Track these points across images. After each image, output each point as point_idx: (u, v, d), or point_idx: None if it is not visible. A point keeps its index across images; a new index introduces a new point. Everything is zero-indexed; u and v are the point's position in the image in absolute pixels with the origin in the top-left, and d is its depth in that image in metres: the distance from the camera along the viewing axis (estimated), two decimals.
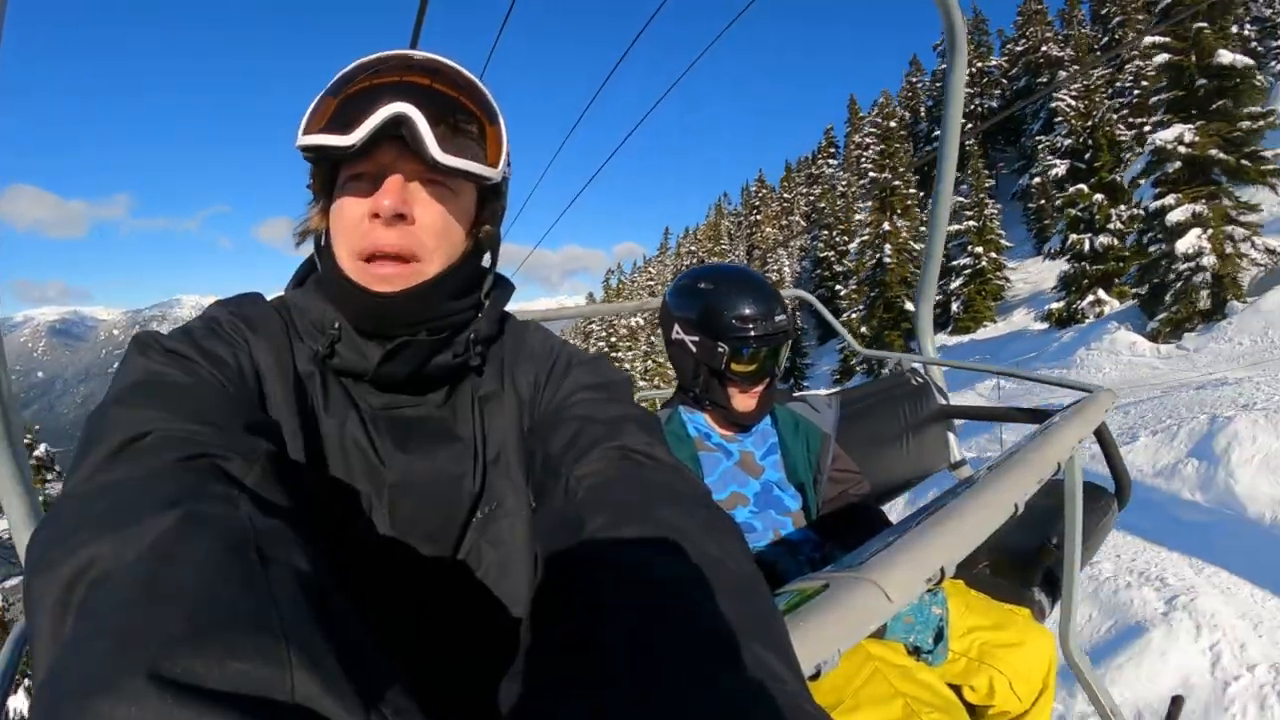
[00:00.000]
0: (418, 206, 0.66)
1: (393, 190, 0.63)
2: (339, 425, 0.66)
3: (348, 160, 0.65)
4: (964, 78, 2.06)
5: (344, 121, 0.63)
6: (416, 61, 0.66)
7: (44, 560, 0.37)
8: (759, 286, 1.43)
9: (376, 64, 0.66)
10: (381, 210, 0.63)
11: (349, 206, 0.66)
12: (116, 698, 0.26)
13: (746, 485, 1.45)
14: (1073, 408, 1.28)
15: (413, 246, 0.65)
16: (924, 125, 36.35)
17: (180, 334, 0.63)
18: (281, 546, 0.38)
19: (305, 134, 0.65)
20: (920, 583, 0.64)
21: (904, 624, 1.15)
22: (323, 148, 0.64)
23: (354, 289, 0.66)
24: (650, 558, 0.46)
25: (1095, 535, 1.71)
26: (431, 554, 0.67)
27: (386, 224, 0.64)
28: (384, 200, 0.63)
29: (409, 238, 0.65)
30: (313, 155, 0.66)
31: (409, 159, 0.64)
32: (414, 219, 0.65)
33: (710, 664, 0.37)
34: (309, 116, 0.65)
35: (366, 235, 0.65)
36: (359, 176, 0.66)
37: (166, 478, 0.43)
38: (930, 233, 2.30)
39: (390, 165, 0.64)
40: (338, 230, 0.68)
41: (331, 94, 0.65)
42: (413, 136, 0.62)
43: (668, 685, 0.35)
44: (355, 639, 0.35)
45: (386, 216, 0.64)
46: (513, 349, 0.78)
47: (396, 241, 0.65)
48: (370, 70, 0.65)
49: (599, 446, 0.62)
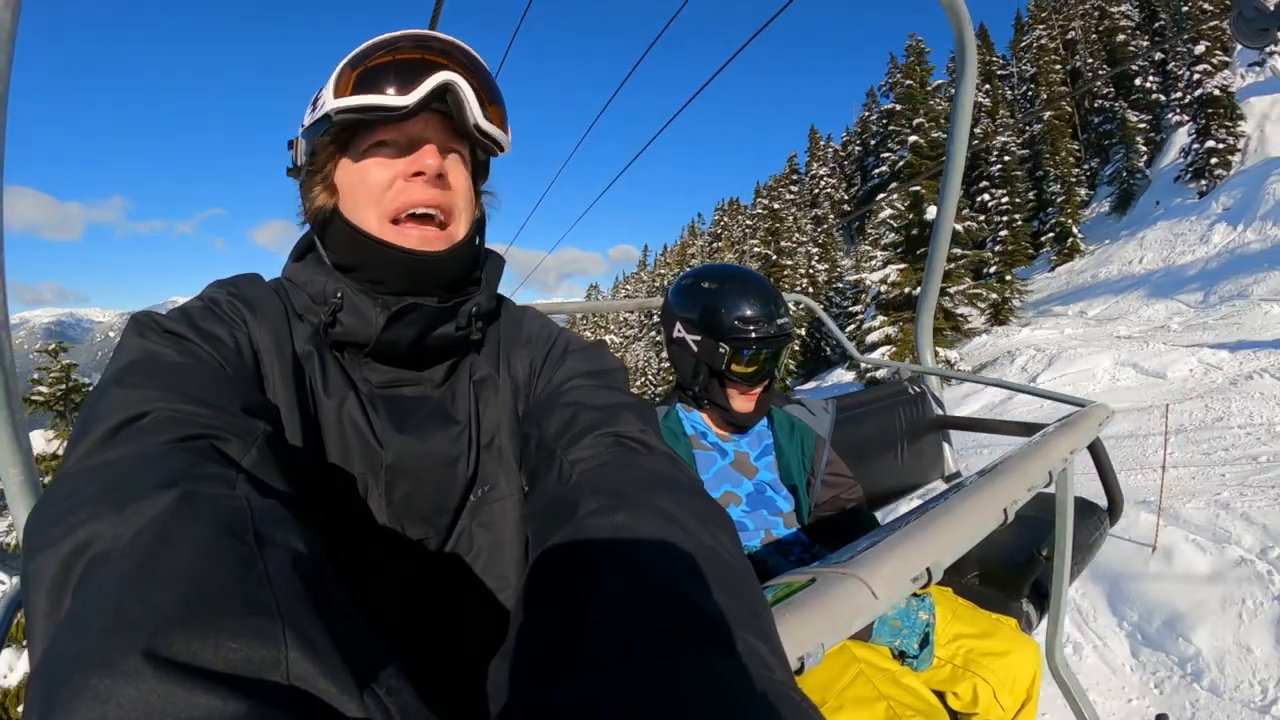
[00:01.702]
0: (450, 171, 0.69)
1: (434, 153, 0.67)
2: (337, 405, 0.67)
3: (376, 127, 0.67)
4: (972, 94, 2.07)
5: (392, 83, 0.64)
6: (443, 40, 0.69)
7: (42, 539, 0.37)
8: (762, 288, 1.43)
9: (405, 36, 0.68)
10: (426, 169, 0.66)
11: (376, 171, 0.67)
12: (113, 677, 0.26)
13: (740, 485, 1.46)
14: (1065, 421, 1.29)
15: (449, 204, 0.69)
16: (871, 160, 37.47)
17: (179, 314, 0.63)
18: (278, 527, 0.38)
19: (340, 97, 0.65)
20: (906, 582, 0.64)
21: (890, 628, 1.16)
22: (371, 107, 0.65)
23: (387, 248, 0.67)
24: (643, 544, 0.47)
25: (1086, 549, 1.71)
26: (425, 536, 0.68)
27: (428, 183, 0.67)
28: (428, 159, 0.66)
29: (446, 198, 0.68)
30: (355, 115, 0.65)
31: (439, 129, 0.68)
32: (449, 183, 0.69)
33: (700, 651, 0.37)
34: (338, 82, 0.66)
35: (402, 193, 0.67)
36: (384, 143, 0.67)
37: (164, 458, 0.43)
38: (931, 248, 2.31)
39: (420, 134, 0.67)
40: (360, 198, 0.68)
41: (361, 62, 0.66)
42: (457, 104, 0.66)
43: (657, 671, 0.35)
44: (350, 620, 0.35)
45: (430, 175, 0.66)
46: (510, 333, 0.79)
47: (438, 198, 0.67)
48: (405, 41, 0.67)
49: (593, 432, 0.62)
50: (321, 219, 0.71)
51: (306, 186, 0.72)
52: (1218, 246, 17.15)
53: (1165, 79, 23.76)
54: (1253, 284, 13.54)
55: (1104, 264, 20.37)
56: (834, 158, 40.29)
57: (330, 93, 0.66)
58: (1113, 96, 27.34)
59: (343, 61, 0.67)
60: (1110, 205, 24.90)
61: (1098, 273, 20.00)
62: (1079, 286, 19.34)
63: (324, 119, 0.66)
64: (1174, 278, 16.56)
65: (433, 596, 0.67)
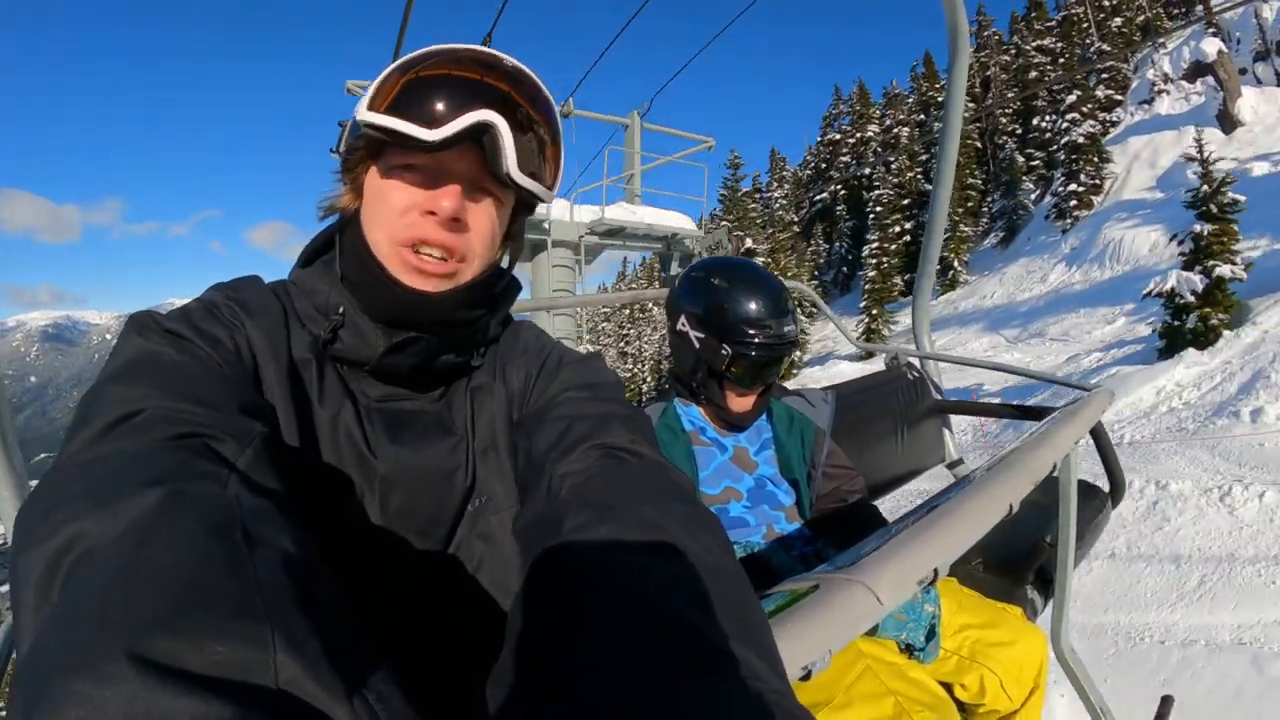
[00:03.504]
0: (470, 213, 0.64)
1: (455, 195, 0.62)
2: (332, 415, 0.65)
3: (411, 150, 0.62)
4: (964, 79, 2.05)
5: (423, 112, 0.59)
6: (503, 64, 0.64)
7: (30, 536, 0.36)
8: (773, 292, 1.39)
9: (459, 54, 0.63)
10: (441, 210, 0.62)
11: (396, 194, 0.63)
12: (96, 679, 0.26)
13: (740, 480, 1.44)
14: (1069, 407, 1.27)
15: (461, 249, 0.65)
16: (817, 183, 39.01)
17: (178, 315, 0.62)
18: (269, 528, 0.38)
19: (375, 111, 0.61)
20: (912, 585, 0.63)
21: (896, 621, 1.14)
22: (399, 134, 0.60)
23: (385, 278, 0.64)
24: (629, 556, 0.46)
25: (1089, 533, 1.71)
26: (422, 547, 0.67)
27: (441, 224, 0.63)
28: (444, 201, 0.62)
29: (458, 241, 0.64)
30: (381, 135, 0.62)
31: (473, 165, 0.63)
32: (468, 226, 0.64)
33: (689, 662, 0.36)
34: (377, 91, 0.62)
35: (414, 227, 0.63)
36: (413, 167, 0.63)
37: (155, 455, 0.43)
38: (927, 233, 2.29)
39: (452, 166, 0.62)
40: (376, 215, 0.65)
41: (406, 72, 0.62)
42: (493, 148, 0.61)
43: (646, 684, 0.35)
44: (340, 624, 0.34)
45: (444, 218, 0.62)
46: (508, 345, 0.78)
47: (445, 240, 0.63)
48: (453, 60, 0.62)
49: (583, 445, 0.61)
50: (343, 219, 0.69)
51: (342, 176, 0.68)
52: (1051, 285, 18.66)
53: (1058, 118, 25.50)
54: (1053, 324, 14.95)
55: (969, 296, 22.14)
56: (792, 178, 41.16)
57: (367, 100, 0.62)
58: (1018, 134, 29.36)
59: (392, 65, 0.63)
60: (997, 239, 27.16)
61: (961, 305, 21.48)
62: (940, 317, 20.36)
63: (357, 124, 0.63)
64: (1008, 314, 18.15)
65: (430, 607, 0.66)
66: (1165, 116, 23.38)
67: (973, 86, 33.04)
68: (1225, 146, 18.62)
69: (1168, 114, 23.45)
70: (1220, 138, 20.35)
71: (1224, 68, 22.00)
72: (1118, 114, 25.11)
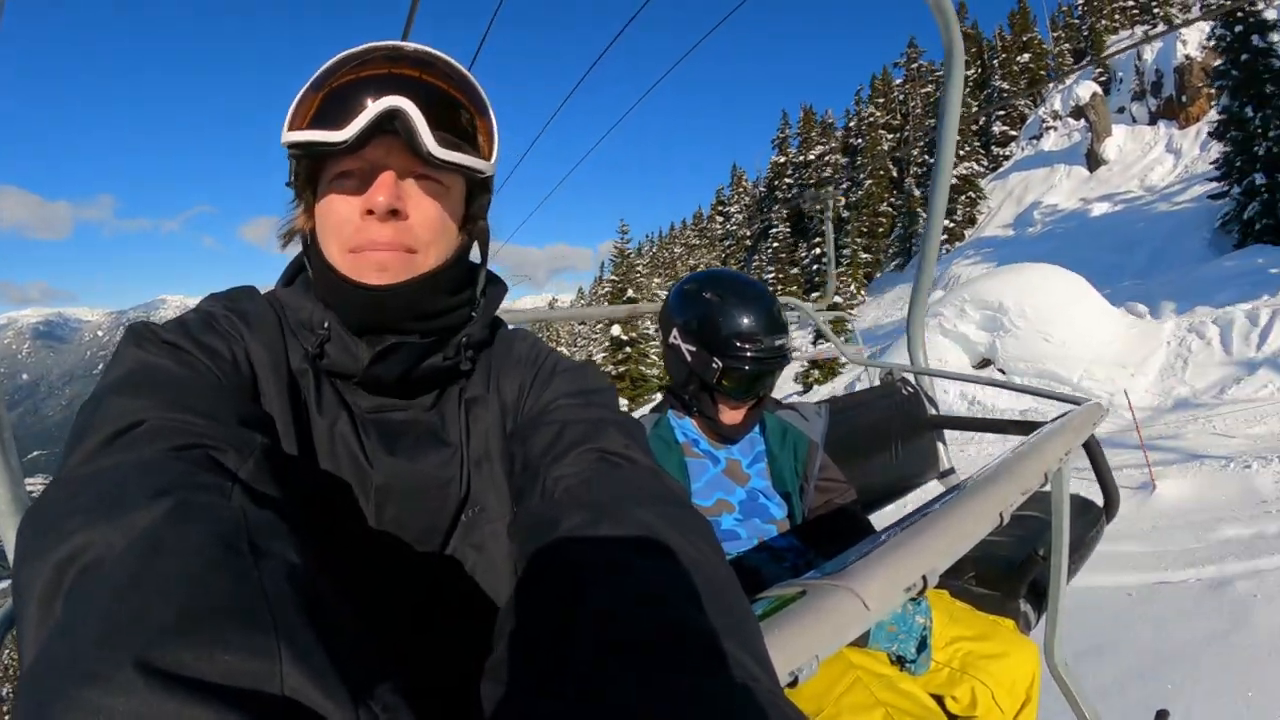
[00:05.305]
0: (411, 202, 0.65)
1: (386, 186, 0.62)
2: (329, 425, 0.66)
3: (336, 157, 0.63)
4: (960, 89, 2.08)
5: (334, 117, 0.61)
6: (406, 53, 0.65)
7: (33, 547, 0.36)
8: (765, 307, 1.39)
9: (364, 55, 0.64)
10: (376, 206, 0.62)
11: (338, 204, 0.64)
12: (104, 688, 0.26)
13: (733, 493, 1.44)
14: (1061, 420, 1.28)
15: (408, 242, 0.65)
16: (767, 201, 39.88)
17: (175, 326, 0.62)
18: (274, 539, 0.38)
19: (291, 130, 0.63)
20: (899, 592, 0.63)
21: (887, 633, 1.14)
22: (312, 144, 0.62)
23: (347, 284, 0.65)
24: (625, 557, 0.46)
25: (1083, 547, 1.70)
26: (416, 556, 0.67)
27: (381, 220, 0.63)
28: (378, 197, 0.62)
29: (404, 234, 0.64)
30: (300, 151, 0.64)
31: (400, 154, 0.63)
32: (408, 215, 0.64)
33: (685, 663, 0.36)
34: (294, 112, 0.63)
35: (360, 232, 0.64)
36: (347, 174, 0.64)
37: (159, 467, 0.43)
38: (923, 247, 2.31)
39: (381, 161, 0.63)
40: (326, 229, 0.66)
41: (316, 88, 0.63)
42: (407, 130, 0.61)
43: (642, 684, 0.35)
44: (346, 634, 0.34)
45: (381, 213, 0.62)
46: (501, 355, 0.78)
47: (392, 238, 0.64)
48: (357, 62, 0.63)
49: (577, 449, 0.61)
50: (304, 243, 0.70)
51: (294, 202, 0.70)
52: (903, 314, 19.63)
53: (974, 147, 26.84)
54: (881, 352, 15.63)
55: (857, 319, 23.44)
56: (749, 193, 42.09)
57: (286, 123, 0.63)
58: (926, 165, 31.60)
59: (304, 85, 0.64)
60: (898, 265, 29.31)
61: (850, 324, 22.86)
62: None
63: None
64: (869, 337, 19.41)
65: (425, 616, 0.66)
66: (1048, 152, 24.85)
67: (893, 117, 34.97)
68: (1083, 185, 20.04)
69: (1051, 150, 24.92)
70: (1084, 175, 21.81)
71: (1095, 110, 23.42)
72: (1011, 148, 26.67)
